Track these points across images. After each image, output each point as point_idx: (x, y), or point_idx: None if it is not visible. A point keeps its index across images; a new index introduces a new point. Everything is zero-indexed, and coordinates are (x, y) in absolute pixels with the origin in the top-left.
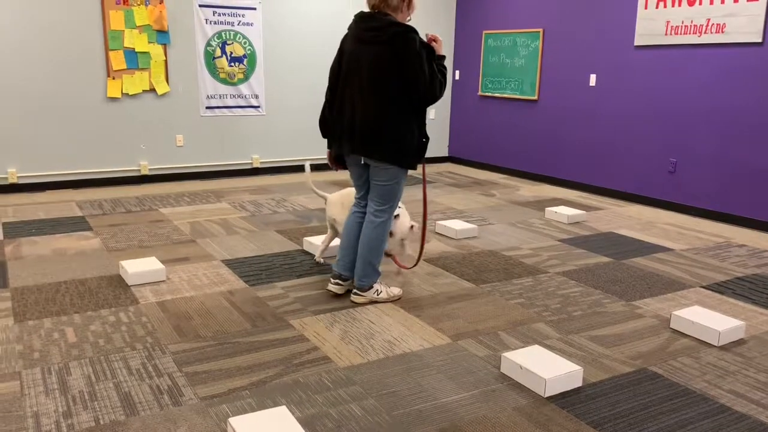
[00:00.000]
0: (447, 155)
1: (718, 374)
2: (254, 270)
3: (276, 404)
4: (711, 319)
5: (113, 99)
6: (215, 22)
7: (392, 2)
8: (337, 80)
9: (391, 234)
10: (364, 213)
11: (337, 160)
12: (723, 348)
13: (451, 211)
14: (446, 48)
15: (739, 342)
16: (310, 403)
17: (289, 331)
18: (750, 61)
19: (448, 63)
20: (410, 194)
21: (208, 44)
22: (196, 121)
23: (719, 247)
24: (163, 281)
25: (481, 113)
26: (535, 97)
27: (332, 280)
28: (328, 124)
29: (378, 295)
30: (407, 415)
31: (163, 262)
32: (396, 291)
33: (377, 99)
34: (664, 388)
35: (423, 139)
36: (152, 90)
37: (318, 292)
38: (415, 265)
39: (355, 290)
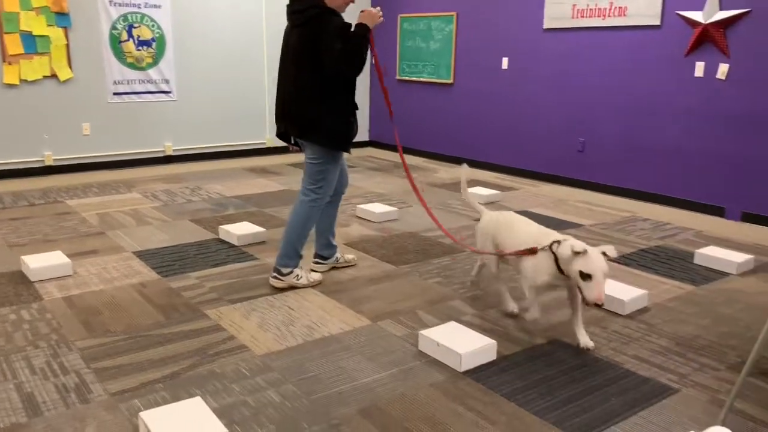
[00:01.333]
0: (368, 139)
1: (623, 341)
2: (167, 261)
3: (191, 396)
4: (617, 290)
5: (11, 86)
6: (120, 4)
7: None
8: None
9: (588, 277)
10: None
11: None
12: (628, 316)
13: (371, 194)
14: None
15: (643, 310)
16: (227, 393)
17: (204, 321)
18: (649, 44)
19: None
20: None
21: (114, 27)
22: (104, 108)
23: (625, 221)
24: (70, 276)
25: (399, 97)
26: (451, 81)
27: (313, 262)
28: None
29: (298, 280)
30: (327, 397)
31: (69, 255)
32: (316, 276)
33: (299, 80)
34: (574, 357)
35: (347, 122)
36: (54, 76)
37: (234, 280)
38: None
39: (273, 274)
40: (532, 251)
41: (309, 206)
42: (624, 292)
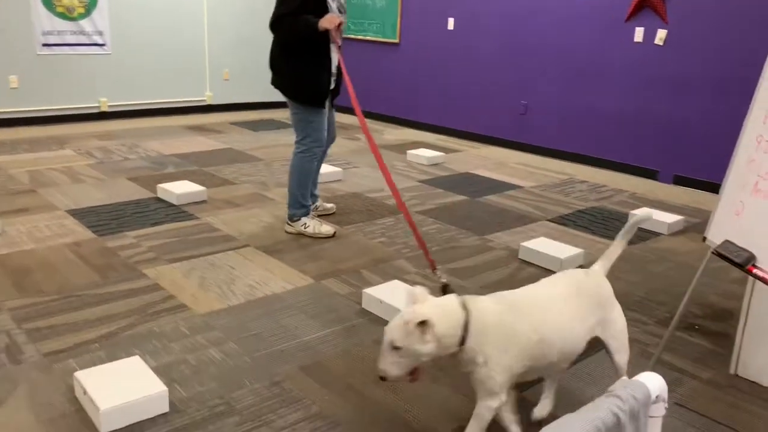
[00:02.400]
0: None
1: None
2: (103, 219)
3: (129, 355)
4: (554, 249)
5: None
6: None
7: None
8: None
9: None
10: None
11: None
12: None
13: None
14: None
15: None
16: (166, 352)
17: (142, 280)
18: (592, 8)
19: None
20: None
21: None
22: (32, 60)
23: (564, 183)
24: None
25: (345, 56)
26: (397, 40)
27: None
28: None
29: (305, 228)
30: (269, 355)
31: None
32: (326, 229)
33: (275, 38)
34: None
35: (316, 77)
36: None
37: (174, 240)
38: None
39: (286, 220)
40: None
41: (300, 157)
42: (561, 250)
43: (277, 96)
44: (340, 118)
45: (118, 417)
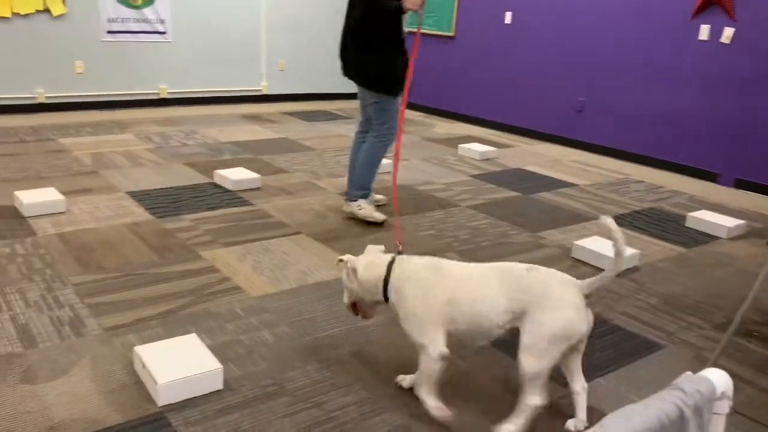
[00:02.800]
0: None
1: (613, 298)
2: (161, 202)
3: (185, 333)
4: (608, 248)
5: (2, 18)
6: None
7: None
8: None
9: None
10: (363, 135)
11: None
12: (619, 275)
13: None
14: None
15: (634, 269)
16: (221, 331)
17: (199, 262)
18: (655, 4)
19: None
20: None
21: None
22: (97, 46)
23: (619, 182)
24: (63, 213)
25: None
26: (452, 34)
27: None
28: None
29: (359, 209)
30: (319, 339)
31: (62, 193)
32: (378, 215)
33: (354, 28)
34: None
35: (393, 67)
36: (46, 10)
37: (229, 224)
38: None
39: (344, 198)
40: None
41: (375, 144)
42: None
43: (330, 87)
44: None
45: (174, 391)
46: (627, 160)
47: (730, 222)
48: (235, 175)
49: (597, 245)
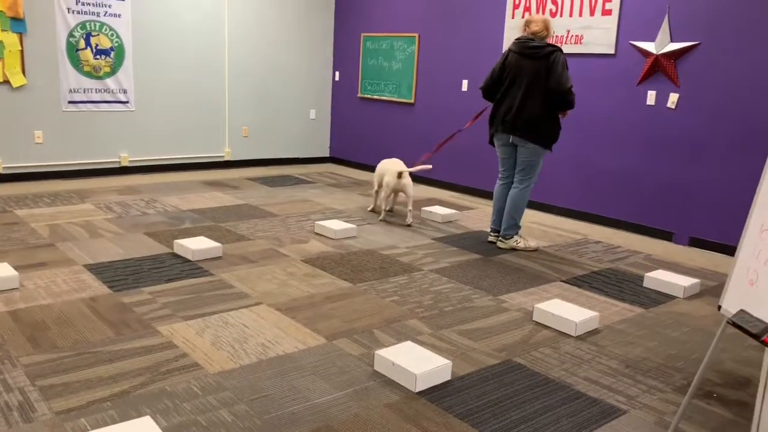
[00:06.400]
0: (328, 155)
1: (574, 363)
2: (119, 275)
3: (140, 415)
4: (569, 311)
5: None
6: (78, 12)
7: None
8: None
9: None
10: (508, 183)
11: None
12: (579, 338)
13: (330, 211)
14: (325, 48)
15: (594, 332)
16: (177, 412)
17: (156, 338)
18: (604, 72)
19: (327, 63)
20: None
21: (71, 35)
22: (58, 116)
23: (578, 243)
24: (16, 289)
25: (360, 115)
26: (412, 101)
27: (491, 233)
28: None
29: (517, 244)
30: (279, 417)
31: (16, 268)
32: (533, 244)
33: (531, 96)
34: (527, 377)
35: (558, 128)
36: (6, 82)
37: (188, 296)
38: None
39: (500, 238)
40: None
41: (525, 191)
42: (575, 313)
43: (294, 152)
44: (348, 172)
45: None
46: (585, 220)
47: (686, 281)
48: (195, 245)
49: (557, 308)
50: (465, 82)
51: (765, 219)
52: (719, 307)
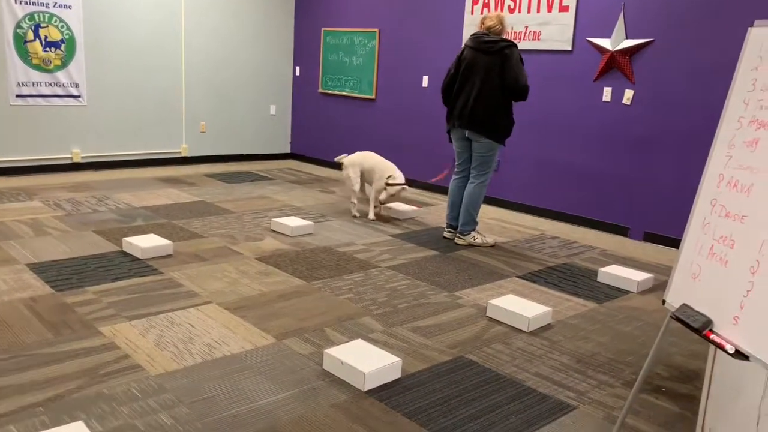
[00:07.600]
0: (289, 152)
1: (526, 358)
2: (63, 274)
3: (74, 420)
4: (522, 307)
5: None
6: (26, 2)
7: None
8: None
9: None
10: (464, 177)
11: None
12: (532, 333)
13: (288, 207)
14: (286, 43)
15: (547, 327)
16: (114, 416)
17: (97, 339)
18: (561, 68)
19: (288, 58)
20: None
21: (18, 26)
22: (5, 110)
23: (535, 239)
24: None
25: (321, 110)
26: (373, 96)
27: (447, 229)
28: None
29: (474, 240)
30: (221, 421)
31: None
32: (490, 240)
33: (485, 91)
34: (477, 374)
35: (511, 122)
36: None
37: (135, 296)
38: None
39: (457, 234)
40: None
41: (481, 186)
42: (529, 309)
43: (252, 148)
44: (309, 168)
45: None
46: (543, 216)
47: (639, 276)
48: (145, 243)
49: (511, 304)
50: (425, 78)
51: (707, 213)
52: (663, 302)
